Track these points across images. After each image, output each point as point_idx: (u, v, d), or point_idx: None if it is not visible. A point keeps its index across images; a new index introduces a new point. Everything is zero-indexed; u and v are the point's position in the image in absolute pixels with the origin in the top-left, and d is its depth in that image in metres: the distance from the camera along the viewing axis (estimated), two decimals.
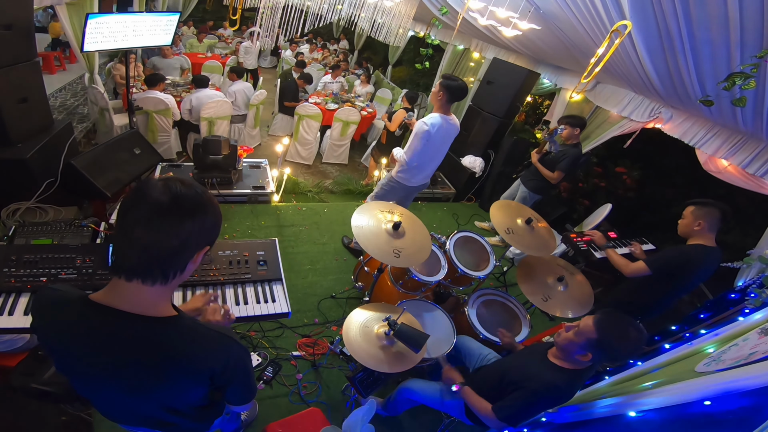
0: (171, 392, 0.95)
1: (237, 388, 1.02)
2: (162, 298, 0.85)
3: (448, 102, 2.70)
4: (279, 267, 2.00)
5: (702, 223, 2.25)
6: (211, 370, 0.92)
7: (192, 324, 0.90)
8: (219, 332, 0.93)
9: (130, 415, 1.07)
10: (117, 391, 0.94)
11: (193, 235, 0.78)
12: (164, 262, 0.79)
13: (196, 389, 0.96)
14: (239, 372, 0.98)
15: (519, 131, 5.18)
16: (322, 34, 12.94)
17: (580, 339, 1.48)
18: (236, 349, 0.95)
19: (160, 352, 0.85)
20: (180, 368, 0.88)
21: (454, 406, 1.86)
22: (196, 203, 0.78)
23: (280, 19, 4.28)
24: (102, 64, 5.97)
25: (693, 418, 1.28)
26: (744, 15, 1.65)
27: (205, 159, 3.51)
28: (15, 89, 2.60)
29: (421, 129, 2.67)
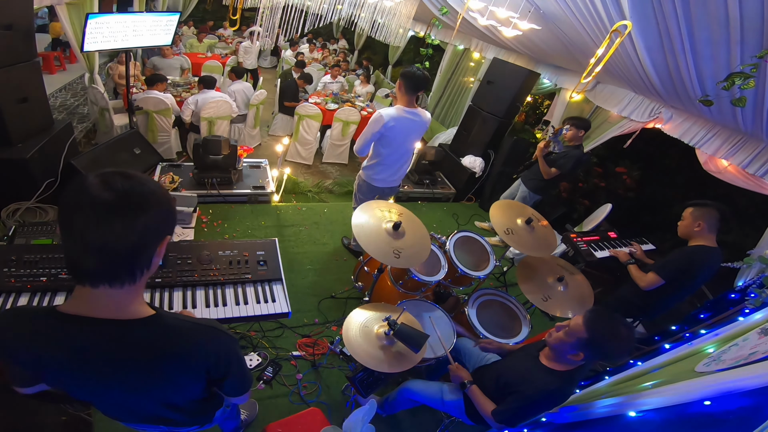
0: (169, 390, 0.94)
1: (234, 379, 1.01)
2: (134, 298, 0.82)
3: (407, 92, 2.54)
4: (279, 267, 2.00)
5: (701, 224, 2.25)
6: (205, 363, 0.91)
7: (174, 320, 0.87)
8: (205, 325, 0.91)
9: (130, 414, 1.07)
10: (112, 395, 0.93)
11: (149, 228, 0.74)
12: (127, 261, 0.75)
13: (195, 384, 0.96)
14: (233, 362, 0.97)
15: (519, 131, 5.18)
16: (322, 34, 12.94)
17: (571, 339, 1.48)
18: (225, 340, 0.93)
19: (148, 354, 0.83)
20: (173, 366, 0.87)
21: (455, 406, 1.86)
22: (144, 196, 0.73)
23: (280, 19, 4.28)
24: (102, 64, 5.98)
25: (693, 418, 1.28)
26: (744, 15, 1.65)
27: (205, 159, 3.51)
28: (15, 89, 2.61)
29: (374, 117, 2.54)
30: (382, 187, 2.89)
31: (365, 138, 2.63)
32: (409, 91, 2.54)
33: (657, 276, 2.32)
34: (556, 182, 3.82)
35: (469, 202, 5.14)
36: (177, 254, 1.87)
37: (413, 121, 2.62)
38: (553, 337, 1.56)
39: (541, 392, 1.53)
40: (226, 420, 1.64)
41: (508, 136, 4.89)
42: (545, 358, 1.62)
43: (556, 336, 1.55)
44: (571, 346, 1.49)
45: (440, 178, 5.18)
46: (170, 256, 1.85)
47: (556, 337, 1.55)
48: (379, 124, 2.53)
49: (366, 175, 2.85)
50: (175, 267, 1.82)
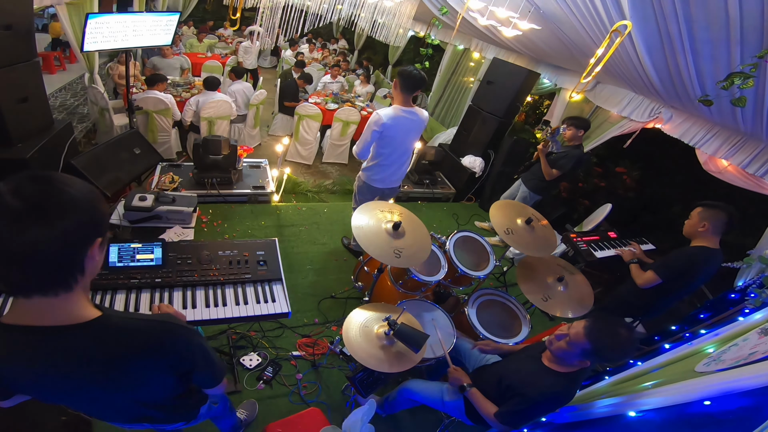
0: (134, 389, 0.92)
1: (202, 371, 1.00)
2: (74, 303, 0.78)
3: (404, 91, 2.54)
4: (279, 267, 2.00)
5: (707, 225, 2.24)
6: (165, 360, 0.89)
7: (122, 321, 0.84)
8: (157, 321, 0.89)
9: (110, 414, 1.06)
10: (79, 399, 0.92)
11: (70, 233, 0.69)
12: (53, 270, 0.71)
13: (162, 381, 0.93)
14: (196, 354, 0.95)
15: (519, 131, 5.18)
16: (322, 34, 12.94)
17: (575, 349, 1.49)
18: (183, 333, 0.91)
19: (98, 357, 0.81)
20: (127, 367, 0.84)
21: (455, 407, 1.86)
22: (60, 201, 0.68)
23: (280, 19, 4.28)
24: (102, 64, 5.98)
25: (693, 418, 1.28)
26: (744, 15, 1.65)
27: (205, 159, 3.51)
28: (15, 89, 2.61)
29: (372, 118, 2.54)
30: (382, 188, 2.89)
31: (364, 140, 2.63)
32: (406, 90, 2.54)
33: (655, 274, 2.32)
34: (556, 182, 3.82)
35: (469, 202, 5.14)
36: (177, 254, 1.87)
37: (411, 121, 2.62)
38: (554, 346, 1.57)
39: (545, 394, 1.53)
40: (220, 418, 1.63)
41: (508, 136, 4.89)
42: (548, 360, 1.62)
43: (557, 345, 1.55)
44: (575, 355, 1.50)
45: (440, 178, 5.18)
46: (170, 256, 1.85)
47: (558, 346, 1.55)
48: (377, 125, 2.53)
49: (366, 176, 2.85)
50: (175, 267, 1.82)
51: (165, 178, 3.45)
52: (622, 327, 1.45)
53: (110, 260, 1.74)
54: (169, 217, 2.78)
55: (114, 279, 1.70)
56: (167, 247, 1.87)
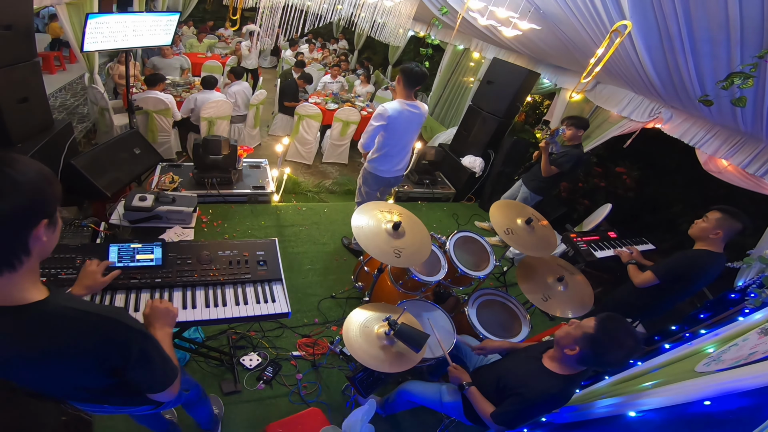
0: (67, 375, 0.91)
1: (137, 373, 0.95)
2: (19, 284, 0.78)
3: (406, 87, 2.71)
4: (279, 267, 2.00)
5: (720, 233, 2.21)
6: (94, 352, 0.86)
7: (61, 308, 0.83)
8: (99, 314, 0.86)
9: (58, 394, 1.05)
10: (25, 379, 0.92)
11: (11, 216, 0.70)
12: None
13: (92, 372, 0.91)
14: (133, 354, 0.90)
15: (519, 131, 5.18)
16: (322, 34, 12.94)
17: (578, 332, 1.48)
18: (123, 331, 0.88)
19: (32, 341, 0.81)
20: (56, 354, 0.84)
21: (453, 407, 1.86)
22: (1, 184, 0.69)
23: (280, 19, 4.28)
24: (102, 64, 5.98)
25: (693, 418, 1.28)
26: (744, 15, 1.65)
27: (205, 159, 3.51)
28: (15, 89, 2.60)
29: (377, 112, 2.71)
30: (388, 177, 3.02)
31: (370, 132, 2.76)
32: (408, 85, 2.70)
33: (653, 275, 2.31)
34: (557, 183, 3.82)
35: (469, 202, 5.14)
36: (177, 254, 1.87)
37: (414, 114, 2.79)
38: (562, 330, 1.57)
39: (542, 396, 1.53)
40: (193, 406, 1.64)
41: (508, 136, 4.89)
42: (549, 360, 1.62)
43: (564, 329, 1.56)
44: (574, 341, 1.49)
45: (440, 178, 5.18)
46: (170, 256, 1.85)
47: (564, 329, 1.55)
48: (383, 118, 2.68)
49: (372, 167, 2.98)
50: (174, 267, 1.82)
51: (165, 178, 3.46)
52: (631, 336, 1.43)
53: (110, 260, 1.74)
54: (169, 217, 2.78)
55: (114, 279, 1.69)
56: (167, 247, 1.87)
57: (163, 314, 1.19)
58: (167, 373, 1.02)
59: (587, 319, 1.52)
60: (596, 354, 1.45)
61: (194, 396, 1.60)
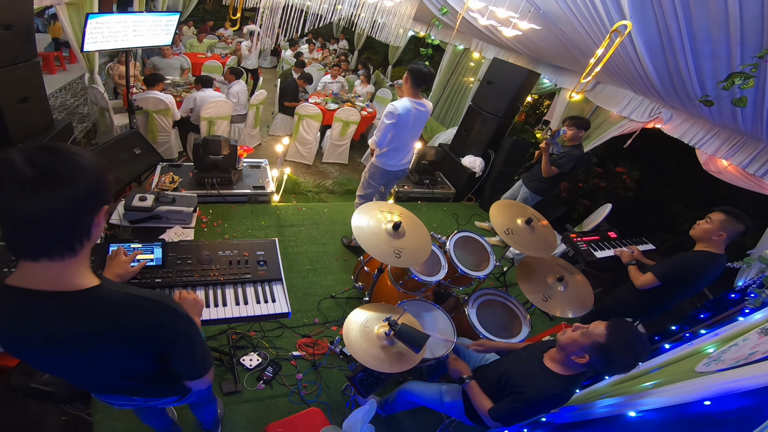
0: (116, 361, 0.94)
1: (181, 357, 0.99)
2: (77, 270, 0.83)
3: (414, 85, 2.83)
4: (279, 267, 2.00)
5: (724, 235, 2.19)
6: (147, 336, 0.90)
7: (115, 293, 0.87)
8: (149, 298, 0.90)
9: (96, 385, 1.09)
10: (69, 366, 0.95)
11: (78, 200, 0.74)
12: (61, 234, 0.76)
13: (141, 357, 0.94)
14: (178, 339, 0.95)
15: (519, 131, 5.18)
16: (322, 34, 12.95)
17: (586, 341, 1.46)
18: (171, 315, 0.93)
19: (87, 325, 0.84)
20: (111, 338, 0.87)
21: (454, 407, 1.85)
22: (70, 169, 0.73)
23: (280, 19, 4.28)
24: (102, 64, 5.98)
25: (693, 418, 1.28)
26: (744, 15, 1.65)
27: (205, 159, 3.51)
28: (15, 89, 2.60)
29: (388, 110, 2.83)
30: (395, 170, 3.15)
31: (383, 129, 2.89)
32: (416, 85, 2.83)
33: (654, 277, 2.31)
34: (557, 183, 3.82)
35: (469, 202, 5.14)
36: (177, 254, 1.87)
37: (421, 111, 2.94)
38: (566, 335, 1.54)
39: (542, 395, 1.52)
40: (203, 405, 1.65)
41: (508, 136, 4.89)
42: (550, 361, 1.61)
43: (569, 335, 1.53)
44: (581, 348, 1.47)
45: (440, 178, 5.18)
46: (170, 256, 1.85)
47: (569, 336, 1.53)
48: (393, 116, 2.81)
49: (380, 161, 3.10)
50: (174, 267, 1.82)
51: (165, 178, 3.45)
52: (639, 341, 1.42)
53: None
54: (169, 217, 2.78)
55: None
56: (167, 247, 1.87)
57: (191, 305, 1.25)
58: (206, 360, 1.07)
59: (594, 325, 1.49)
60: (607, 361, 1.44)
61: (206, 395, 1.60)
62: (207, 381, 1.11)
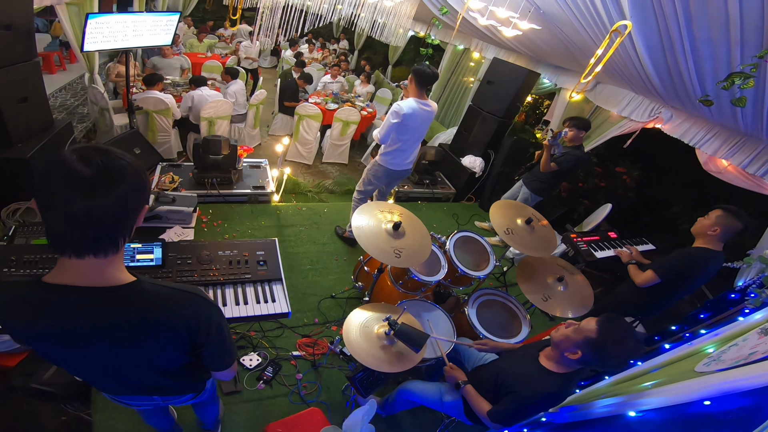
0: (156, 355, 0.98)
1: (214, 347, 1.02)
2: (117, 266, 0.86)
3: (418, 86, 2.84)
4: (279, 267, 2.00)
5: (718, 230, 2.23)
6: (186, 327, 0.93)
7: (153, 286, 0.90)
8: (184, 290, 0.94)
9: (123, 385, 1.11)
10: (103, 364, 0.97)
11: (129, 198, 0.78)
12: (111, 231, 0.79)
13: (179, 349, 0.98)
14: (212, 329, 0.98)
15: (519, 131, 5.19)
16: (322, 34, 12.94)
17: (578, 336, 1.47)
18: (205, 305, 0.96)
19: (130, 320, 0.86)
20: (154, 331, 0.90)
21: (454, 407, 1.86)
22: (122, 168, 0.76)
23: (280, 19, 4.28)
24: (102, 64, 5.97)
25: (693, 418, 1.28)
26: (744, 15, 1.65)
27: (205, 159, 3.51)
28: (15, 89, 2.60)
29: (394, 110, 2.84)
30: (398, 170, 3.16)
31: (386, 127, 2.91)
32: (420, 85, 2.84)
33: (654, 274, 2.32)
34: (557, 183, 3.82)
35: (469, 202, 5.14)
36: (177, 254, 1.87)
37: (426, 111, 2.94)
38: (560, 332, 1.55)
39: (538, 394, 1.53)
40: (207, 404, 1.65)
41: (508, 136, 4.89)
42: (545, 359, 1.62)
43: (563, 332, 1.54)
44: (574, 344, 1.48)
45: (440, 178, 5.18)
46: (170, 256, 1.85)
47: (563, 332, 1.54)
48: (398, 116, 2.82)
49: (384, 160, 3.11)
50: (174, 267, 1.82)
51: (165, 178, 3.45)
52: (632, 336, 1.43)
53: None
54: (169, 217, 2.78)
55: None
56: (167, 247, 1.87)
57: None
58: (233, 350, 1.11)
59: (586, 321, 1.50)
60: (600, 357, 1.45)
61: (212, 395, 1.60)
62: (234, 371, 1.15)
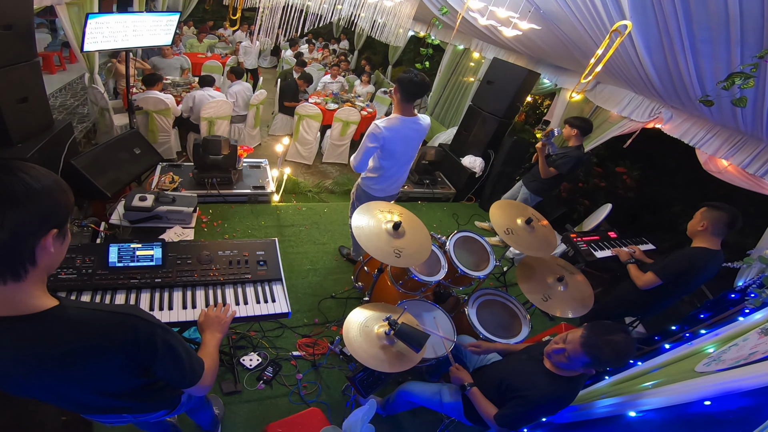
0: (99, 380, 0.91)
1: (168, 367, 0.96)
2: (30, 292, 0.78)
3: (403, 100, 2.34)
4: (279, 267, 2.00)
5: (705, 224, 2.24)
6: (122, 350, 0.86)
7: (79, 311, 0.83)
8: (117, 312, 0.87)
9: (83, 407, 1.06)
10: (43, 391, 0.91)
11: (22, 224, 0.70)
12: (4, 257, 0.71)
13: (125, 371, 0.92)
14: (159, 348, 0.91)
15: (519, 131, 5.18)
16: (322, 34, 12.94)
17: (575, 364, 1.50)
18: (144, 326, 0.89)
19: (57, 349, 0.80)
20: (85, 357, 0.84)
21: (453, 408, 1.86)
22: (12, 191, 0.69)
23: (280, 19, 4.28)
24: (102, 64, 5.97)
25: (693, 418, 1.28)
26: (744, 14, 1.65)
27: (205, 159, 3.51)
28: (15, 89, 2.60)
29: (370, 130, 2.36)
30: (381, 197, 2.75)
31: (362, 152, 2.42)
32: (406, 99, 2.34)
33: (655, 276, 2.32)
34: (557, 184, 3.82)
35: (469, 202, 5.14)
36: (177, 254, 1.87)
37: (413, 130, 2.46)
38: (554, 359, 1.57)
39: (546, 397, 1.53)
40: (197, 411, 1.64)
41: (508, 136, 4.89)
42: (549, 363, 1.62)
43: (557, 359, 1.56)
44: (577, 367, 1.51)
45: (440, 178, 5.18)
46: (170, 256, 1.85)
47: (557, 360, 1.56)
48: (375, 138, 2.35)
49: (365, 184, 2.72)
50: (174, 267, 1.82)
51: (165, 178, 3.45)
52: (617, 333, 1.43)
53: (110, 260, 1.74)
54: (169, 217, 2.78)
55: (114, 279, 1.70)
56: (167, 247, 1.87)
57: (213, 321, 1.32)
58: (194, 366, 1.04)
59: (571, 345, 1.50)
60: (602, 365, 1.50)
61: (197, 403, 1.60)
62: (204, 387, 1.07)
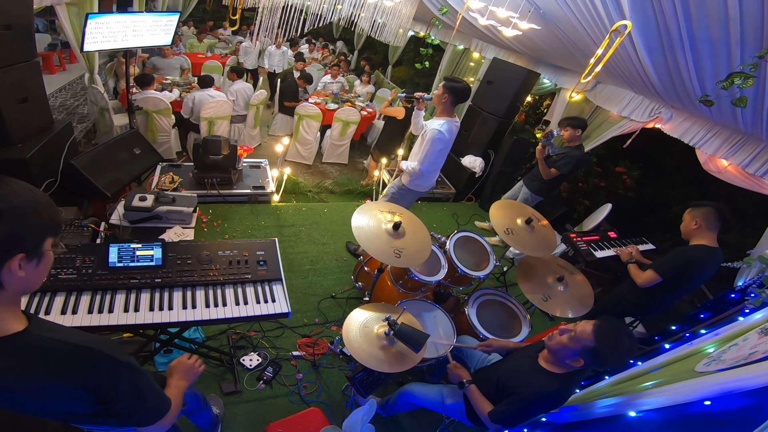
0: (57, 406, 0.86)
1: (128, 404, 0.91)
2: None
3: (452, 105, 2.67)
4: (279, 267, 2.00)
5: (698, 221, 2.25)
6: (84, 386, 0.83)
7: (43, 340, 0.79)
8: (85, 347, 0.82)
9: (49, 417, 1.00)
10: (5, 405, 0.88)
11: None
12: None
13: (83, 402, 0.86)
14: (121, 387, 0.87)
15: (519, 131, 5.18)
16: (322, 34, 12.94)
17: (576, 345, 1.47)
18: (111, 366, 0.85)
19: (11, 374, 0.77)
20: (39, 387, 0.79)
21: (455, 409, 1.86)
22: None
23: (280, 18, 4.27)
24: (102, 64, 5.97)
25: (693, 418, 1.28)
26: (744, 14, 1.65)
27: (205, 159, 3.51)
28: (15, 89, 2.60)
29: (436, 137, 2.64)
30: (424, 191, 3.00)
31: (430, 158, 2.71)
32: (455, 103, 2.69)
33: (655, 274, 2.32)
34: (558, 184, 3.82)
35: (469, 202, 5.14)
36: (177, 254, 1.87)
37: (458, 129, 2.82)
38: (554, 340, 1.55)
39: (537, 394, 1.53)
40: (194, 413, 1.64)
41: (508, 136, 4.89)
42: (543, 360, 1.62)
43: (558, 340, 1.53)
44: (573, 352, 1.48)
45: (440, 178, 5.18)
46: (170, 256, 1.85)
47: (558, 341, 1.53)
48: (444, 143, 2.68)
49: (415, 184, 2.92)
50: (174, 267, 1.82)
51: (165, 178, 3.45)
52: (627, 336, 1.44)
53: (110, 260, 1.74)
54: (169, 217, 2.78)
55: (114, 279, 1.70)
56: (167, 247, 1.87)
57: (184, 370, 1.27)
58: (158, 407, 1.00)
59: (581, 326, 1.50)
60: (600, 362, 1.48)
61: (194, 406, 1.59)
62: (162, 426, 1.02)
